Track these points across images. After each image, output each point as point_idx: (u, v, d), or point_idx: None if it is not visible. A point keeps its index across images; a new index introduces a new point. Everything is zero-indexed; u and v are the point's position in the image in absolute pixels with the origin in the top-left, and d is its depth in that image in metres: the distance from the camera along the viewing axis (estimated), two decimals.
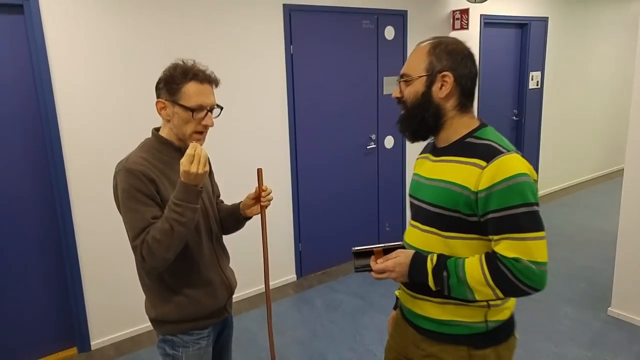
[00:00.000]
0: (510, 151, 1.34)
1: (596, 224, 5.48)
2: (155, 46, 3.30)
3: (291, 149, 4.11)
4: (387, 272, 1.40)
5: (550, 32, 6.15)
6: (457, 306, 1.40)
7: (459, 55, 1.41)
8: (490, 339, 1.42)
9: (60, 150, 3.05)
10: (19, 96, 2.96)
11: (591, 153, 7.34)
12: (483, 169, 1.31)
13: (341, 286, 4.20)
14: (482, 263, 1.32)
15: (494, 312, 1.41)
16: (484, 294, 1.32)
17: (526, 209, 1.29)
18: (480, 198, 1.31)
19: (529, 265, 1.26)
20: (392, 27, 4.59)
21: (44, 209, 3.13)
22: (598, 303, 3.71)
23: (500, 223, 1.30)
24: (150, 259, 1.51)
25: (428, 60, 1.40)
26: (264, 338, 3.36)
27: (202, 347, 1.74)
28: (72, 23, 2.99)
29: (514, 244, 1.28)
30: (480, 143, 1.39)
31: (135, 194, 1.53)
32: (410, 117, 1.46)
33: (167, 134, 1.68)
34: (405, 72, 1.45)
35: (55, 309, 3.26)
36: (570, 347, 3.18)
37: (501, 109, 5.99)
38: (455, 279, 1.33)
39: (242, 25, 3.66)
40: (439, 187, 1.40)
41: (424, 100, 1.41)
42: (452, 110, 1.43)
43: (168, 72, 1.62)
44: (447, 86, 1.40)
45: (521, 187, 1.29)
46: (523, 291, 1.29)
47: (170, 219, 1.50)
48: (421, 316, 1.48)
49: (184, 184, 1.50)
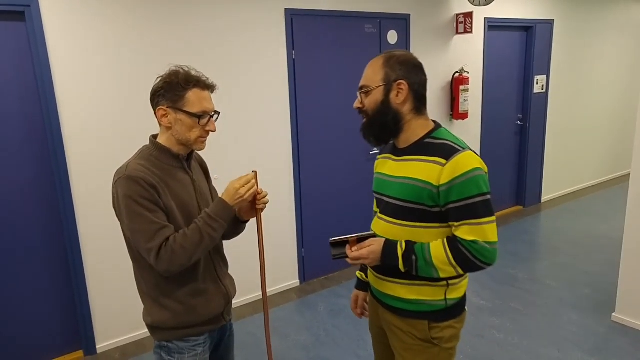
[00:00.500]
0: (465, 149, 1.54)
1: (601, 229, 5.45)
2: (157, 52, 3.32)
3: (294, 154, 4.12)
4: (362, 258, 1.59)
5: (556, 35, 6.12)
6: (421, 287, 1.63)
7: (410, 65, 1.61)
8: (447, 315, 1.67)
9: (63, 155, 3.07)
10: (22, 102, 2.98)
11: (596, 158, 7.29)
12: (443, 166, 1.51)
13: (344, 291, 4.19)
14: (445, 246, 1.54)
15: (452, 290, 1.65)
16: (447, 272, 1.55)
17: (481, 198, 1.51)
18: (442, 191, 1.51)
19: (484, 246, 1.51)
20: (395, 32, 4.59)
21: (48, 213, 3.15)
22: (602, 309, 3.68)
23: (460, 211, 1.51)
24: (170, 262, 1.55)
25: (384, 72, 1.60)
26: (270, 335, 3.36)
27: (198, 354, 1.75)
28: (73, 29, 3.02)
29: (472, 228, 1.51)
30: (438, 143, 1.58)
31: (140, 200, 1.54)
32: (372, 123, 1.65)
33: (166, 141, 1.68)
34: (364, 84, 1.65)
35: (61, 312, 3.29)
36: (574, 352, 3.16)
37: (505, 114, 5.97)
38: (423, 262, 1.55)
39: (243, 30, 3.68)
40: (405, 184, 1.60)
41: (384, 107, 1.61)
42: (409, 114, 1.62)
43: (168, 79, 1.62)
44: (403, 93, 1.59)
45: (476, 179, 1.50)
46: (479, 267, 1.55)
47: (204, 231, 1.58)
48: (389, 296, 1.71)
49: (224, 202, 1.61)
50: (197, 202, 1.72)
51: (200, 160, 1.93)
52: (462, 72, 5.13)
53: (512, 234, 5.43)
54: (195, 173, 1.80)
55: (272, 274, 4.13)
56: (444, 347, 1.69)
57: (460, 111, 5.15)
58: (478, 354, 3.18)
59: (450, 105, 5.21)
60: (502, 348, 3.24)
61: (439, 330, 1.66)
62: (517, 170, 6.29)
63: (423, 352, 1.69)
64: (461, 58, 5.22)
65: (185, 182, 1.71)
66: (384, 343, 1.90)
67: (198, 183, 1.77)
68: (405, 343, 1.71)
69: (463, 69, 5.14)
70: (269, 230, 3.75)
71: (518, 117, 6.10)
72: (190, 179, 1.74)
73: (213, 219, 1.58)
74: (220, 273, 1.82)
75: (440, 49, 5.03)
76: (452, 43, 5.11)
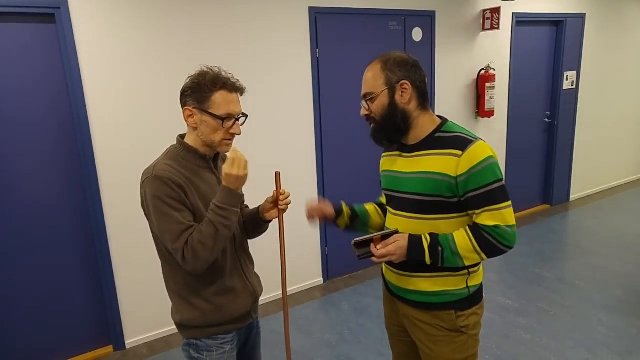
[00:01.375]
0: (477, 139, 1.59)
1: (632, 229, 5.31)
2: (183, 52, 3.37)
3: (317, 152, 4.13)
4: (388, 255, 1.61)
5: (587, 30, 5.96)
6: (444, 278, 1.68)
7: (407, 64, 1.65)
8: (471, 302, 1.73)
9: (92, 156, 3.15)
10: (52, 102, 3.06)
11: (627, 155, 7.10)
12: (460, 157, 1.56)
13: (368, 289, 4.19)
14: (469, 234, 1.59)
15: (472, 278, 1.71)
16: (472, 259, 1.61)
17: (498, 184, 1.57)
18: (460, 181, 1.56)
19: (506, 229, 1.57)
20: (420, 29, 4.55)
21: (78, 213, 3.24)
22: (633, 310, 3.60)
23: (480, 199, 1.57)
24: (194, 261, 1.56)
25: (384, 76, 1.65)
26: (292, 340, 3.38)
27: (226, 352, 1.77)
28: (102, 30, 3.08)
29: (492, 214, 1.57)
30: (450, 136, 1.63)
31: (167, 200, 1.56)
32: (382, 127, 1.69)
33: (193, 141, 1.70)
34: (368, 91, 1.69)
35: (91, 309, 3.37)
36: (605, 354, 3.09)
37: (532, 111, 5.86)
38: (449, 252, 1.59)
39: (267, 29, 3.70)
40: (422, 179, 1.63)
41: (391, 109, 1.65)
42: (416, 111, 1.67)
43: (196, 80, 1.63)
44: (407, 92, 1.64)
45: (492, 167, 1.56)
46: (502, 251, 1.59)
47: (216, 222, 1.56)
48: (412, 291, 1.73)
49: (227, 188, 1.58)
50: None
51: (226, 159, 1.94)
52: (488, 69, 5.05)
53: (539, 232, 5.34)
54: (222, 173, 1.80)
55: (296, 272, 4.16)
56: (471, 334, 1.74)
57: (486, 109, 5.08)
58: (504, 354, 3.14)
59: (475, 103, 5.14)
60: (529, 349, 3.19)
61: (464, 318, 1.71)
62: (544, 168, 6.17)
63: (451, 342, 1.72)
64: (487, 55, 5.15)
65: (212, 182, 1.73)
66: (404, 340, 1.93)
67: None
68: (433, 336, 1.74)
69: (489, 66, 5.06)
70: (293, 228, 3.77)
71: (546, 114, 5.99)
72: (217, 179, 1.75)
73: (221, 208, 1.57)
74: (247, 271, 1.83)
75: (466, 46, 4.97)
76: (478, 39, 5.05)
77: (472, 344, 1.75)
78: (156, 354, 3.39)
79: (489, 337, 3.34)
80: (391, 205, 1.80)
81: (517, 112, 5.61)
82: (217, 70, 1.66)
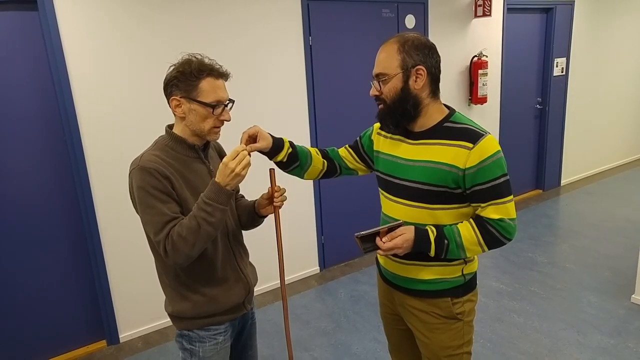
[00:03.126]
0: (487, 133, 1.58)
1: (621, 212, 5.40)
2: (172, 38, 3.32)
3: (312, 141, 4.14)
4: (395, 248, 1.58)
5: (577, 17, 6.00)
6: (442, 267, 1.70)
7: (425, 49, 1.59)
8: (466, 289, 1.75)
9: (80, 147, 3.10)
10: (37, 94, 2.99)
11: (616, 140, 7.19)
12: (470, 149, 1.54)
13: (364, 277, 4.24)
14: (474, 226, 1.60)
15: (468, 267, 1.74)
16: (474, 251, 1.62)
17: (504, 179, 1.57)
18: (468, 174, 1.55)
19: (510, 223, 1.58)
20: (413, 16, 4.55)
21: (68, 205, 3.20)
22: (622, 291, 3.68)
23: (487, 193, 1.56)
24: (174, 254, 1.53)
25: (400, 58, 1.57)
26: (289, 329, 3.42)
27: (219, 343, 1.76)
28: (87, 17, 2.99)
29: (497, 208, 1.57)
30: (459, 127, 1.60)
31: (152, 191, 1.54)
32: (392, 111, 1.64)
33: (181, 131, 1.67)
34: (381, 71, 1.62)
35: (84, 303, 3.36)
36: (594, 335, 3.17)
37: (524, 97, 5.90)
38: (454, 244, 1.59)
39: (259, 16, 3.68)
40: (428, 167, 1.61)
41: (404, 94, 1.60)
42: (427, 98, 1.62)
43: (181, 69, 1.59)
44: (422, 78, 1.58)
45: (500, 162, 1.56)
46: (503, 243, 1.61)
47: (199, 217, 1.52)
48: (410, 279, 1.74)
49: (217, 184, 1.53)
50: None
51: (219, 149, 1.92)
52: (481, 56, 5.08)
53: (531, 217, 5.41)
54: (213, 162, 1.78)
55: (292, 261, 4.19)
56: (466, 321, 1.77)
57: (479, 95, 5.11)
58: (498, 338, 3.21)
59: (469, 89, 5.17)
60: (522, 331, 3.26)
61: (460, 305, 1.74)
62: (536, 154, 6.23)
63: (447, 329, 1.75)
64: (480, 42, 5.17)
65: (202, 172, 1.71)
66: (399, 328, 1.95)
67: (215, 172, 1.74)
68: (429, 323, 1.76)
69: (482, 53, 5.08)
70: (288, 217, 3.79)
71: (537, 101, 6.03)
72: (207, 169, 1.73)
73: (207, 204, 1.52)
74: (240, 262, 1.82)
75: (459, 33, 4.98)
76: (470, 26, 5.06)
77: (468, 330, 1.78)
78: (151, 347, 3.39)
79: (483, 322, 3.40)
80: (388, 191, 1.77)
81: (509, 98, 5.65)
82: (200, 57, 1.63)
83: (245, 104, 3.66)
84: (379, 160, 1.82)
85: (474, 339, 3.17)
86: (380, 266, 1.91)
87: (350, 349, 3.21)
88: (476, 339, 3.20)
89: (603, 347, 3.05)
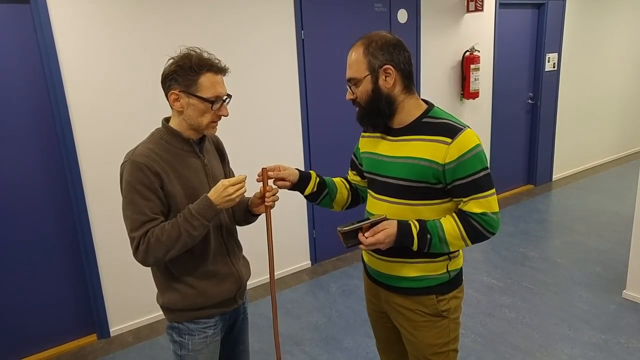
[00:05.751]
0: (466, 127, 1.58)
1: (612, 207, 5.43)
2: (164, 32, 3.30)
3: (304, 134, 4.12)
4: (378, 243, 1.57)
5: (568, 12, 6.01)
6: (426, 263, 1.68)
7: (390, 46, 1.60)
8: (451, 286, 1.74)
9: (72, 139, 3.07)
10: (29, 87, 2.96)
11: (607, 136, 7.23)
12: (449, 144, 1.54)
13: (356, 272, 4.23)
14: (457, 221, 1.59)
15: (452, 263, 1.72)
16: (457, 246, 1.62)
17: (484, 173, 1.57)
18: (447, 169, 1.55)
19: (492, 217, 1.58)
20: (405, 10, 4.53)
21: (58, 198, 3.17)
22: (613, 286, 3.70)
23: (467, 187, 1.56)
24: (145, 254, 1.57)
25: (366, 60, 1.60)
26: (280, 323, 3.41)
27: (208, 336, 1.76)
28: (79, 10, 2.97)
29: (479, 202, 1.57)
30: (438, 122, 1.60)
31: (138, 187, 1.55)
32: (367, 112, 1.65)
33: (178, 124, 1.67)
34: (351, 76, 1.65)
35: (74, 297, 3.34)
36: (585, 330, 3.18)
37: (516, 92, 5.91)
38: (437, 238, 1.59)
39: (251, 10, 3.65)
40: (408, 164, 1.61)
41: (375, 95, 1.61)
42: (401, 95, 1.63)
43: (180, 63, 1.59)
44: (391, 76, 1.59)
45: (480, 156, 1.56)
46: (486, 237, 1.61)
47: (182, 227, 1.55)
48: (394, 277, 1.73)
49: (209, 200, 1.57)
50: (209, 187, 1.70)
51: (217, 142, 1.91)
52: (473, 51, 5.07)
53: (523, 212, 5.43)
54: (208, 157, 1.78)
55: (284, 256, 4.17)
56: (452, 318, 1.75)
57: (471, 90, 5.10)
58: (489, 333, 3.21)
59: (461, 84, 5.16)
60: (513, 326, 3.27)
61: (445, 302, 1.72)
62: (528, 149, 6.25)
63: (433, 327, 1.74)
64: (472, 37, 5.16)
65: (196, 166, 1.70)
66: (387, 327, 1.94)
67: (210, 167, 1.76)
68: (415, 321, 1.75)
69: (474, 48, 5.07)
70: (280, 212, 3.78)
71: (529, 96, 6.04)
72: (202, 164, 1.72)
73: (194, 217, 1.56)
74: (233, 256, 1.82)
75: (451, 28, 4.96)
76: (462, 21, 5.05)
77: (454, 327, 1.77)
78: (142, 341, 3.37)
79: (474, 317, 3.41)
80: (373, 189, 1.78)
81: (501, 93, 5.65)
82: (199, 52, 1.63)
83: (237, 100, 3.61)
84: (364, 160, 1.83)
85: (465, 333, 3.18)
86: (365, 263, 1.89)
87: (342, 343, 3.20)
88: (467, 333, 3.20)
89: (594, 342, 3.06)
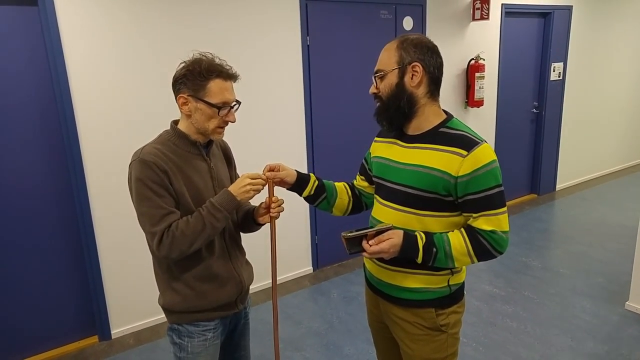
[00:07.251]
0: (483, 141, 1.53)
1: (615, 218, 5.40)
2: (171, 37, 3.32)
3: (308, 140, 4.12)
4: (382, 253, 1.54)
5: (574, 22, 6.01)
6: (427, 275, 1.64)
7: (424, 47, 1.59)
8: (451, 300, 1.69)
9: (77, 142, 3.09)
10: (35, 89, 2.98)
11: (612, 146, 7.20)
12: (464, 157, 1.50)
13: (357, 278, 4.22)
14: (465, 237, 1.55)
15: (454, 277, 1.68)
16: (463, 262, 1.57)
17: (498, 190, 1.52)
18: (460, 182, 1.51)
19: (502, 235, 1.53)
20: (411, 18, 4.55)
21: (63, 201, 3.18)
22: (615, 297, 3.68)
23: (479, 203, 1.52)
24: (169, 248, 1.57)
25: (398, 54, 1.58)
26: (281, 329, 3.40)
27: (207, 339, 1.77)
28: (87, 13, 2.99)
29: (489, 219, 1.52)
30: (455, 133, 1.56)
31: (149, 184, 1.57)
32: (386, 107, 1.62)
33: (186, 127, 1.69)
34: (379, 68, 1.63)
35: (77, 299, 3.34)
36: (587, 341, 3.16)
37: (521, 101, 5.90)
38: (443, 253, 1.54)
39: (257, 16, 3.66)
40: (418, 172, 1.57)
41: (398, 90, 1.58)
42: (424, 98, 1.59)
43: (191, 67, 1.61)
44: (417, 75, 1.56)
45: (495, 172, 1.52)
46: (493, 256, 1.56)
47: (207, 220, 1.60)
48: (395, 286, 1.69)
49: (229, 192, 1.62)
50: (213, 191, 1.73)
51: (224, 147, 1.92)
52: (478, 59, 5.07)
53: (526, 221, 5.41)
54: (215, 160, 1.79)
55: (286, 261, 4.17)
56: (451, 333, 1.71)
57: (476, 98, 5.11)
58: (491, 342, 3.20)
59: (465, 92, 5.16)
60: (515, 336, 3.25)
61: (444, 317, 1.68)
62: (531, 158, 6.24)
63: (431, 341, 1.69)
64: (477, 45, 5.17)
65: (202, 169, 1.72)
66: (387, 337, 1.91)
67: (216, 170, 1.77)
68: (412, 334, 1.71)
69: (479, 56, 5.08)
70: (282, 217, 3.77)
71: (534, 105, 6.04)
72: (208, 167, 1.74)
73: (217, 209, 1.60)
74: (235, 261, 1.82)
75: (456, 36, 4.98)
76: (468, 29, 5.06)
77: (452, 342, 1.72)
78: (143, 344, 3.37)
79: (476, 325, 3.39)
80: (380, 194, 1.74)
81: (505, 102, 5.65)
82: (210, 57, 1.64)
83: (242, 105, 3.62)
84: (373, 164, 1.81)
85: (467, 342, 3.17)
86: (367, 270, 1.86)
87: (342, 350, 3.19)
88: (468, 342, 3.19)
89: (596, 353, 3.04)
